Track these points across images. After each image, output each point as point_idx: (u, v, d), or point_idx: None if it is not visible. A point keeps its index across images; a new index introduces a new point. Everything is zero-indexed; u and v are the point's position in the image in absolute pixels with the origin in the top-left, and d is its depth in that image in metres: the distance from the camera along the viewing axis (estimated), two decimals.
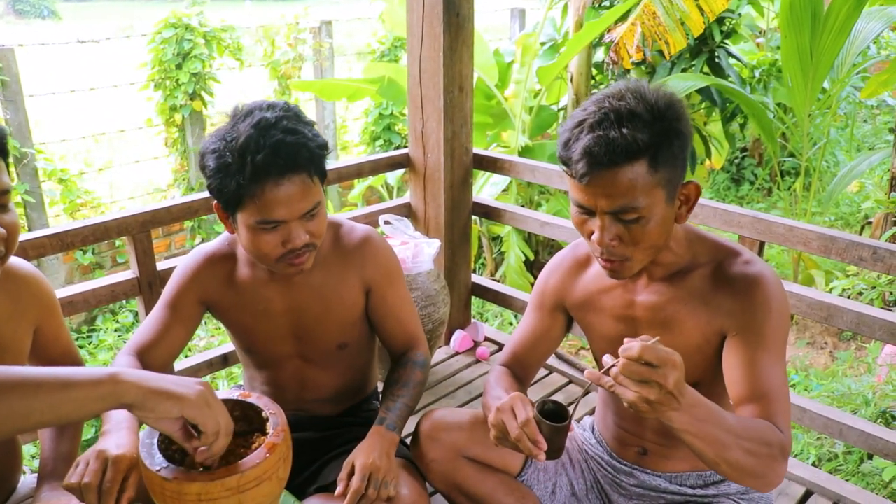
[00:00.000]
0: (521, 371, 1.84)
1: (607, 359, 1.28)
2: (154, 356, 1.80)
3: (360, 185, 5.67)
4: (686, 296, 1.56)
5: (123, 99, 6.73)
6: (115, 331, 4.98)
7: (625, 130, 1.36)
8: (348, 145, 7.35)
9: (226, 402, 1.55)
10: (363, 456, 1.68)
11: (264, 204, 1.57)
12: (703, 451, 1.30)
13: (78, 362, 1.83)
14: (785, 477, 2.41)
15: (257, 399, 1.53)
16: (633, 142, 1.36)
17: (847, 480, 3.07)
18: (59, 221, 5.45)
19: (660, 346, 1.20)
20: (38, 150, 5.09)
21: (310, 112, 6.93)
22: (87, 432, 3.86)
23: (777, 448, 1.36)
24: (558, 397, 2.88)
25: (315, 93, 5.90)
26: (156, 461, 1.36)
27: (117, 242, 5.27)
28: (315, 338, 1.88)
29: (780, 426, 1.40)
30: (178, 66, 5.63)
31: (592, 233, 1.47)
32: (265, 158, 1.52)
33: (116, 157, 7.52)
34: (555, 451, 1.49)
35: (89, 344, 4.93)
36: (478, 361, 3.15)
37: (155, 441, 1.41)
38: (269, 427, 1.45)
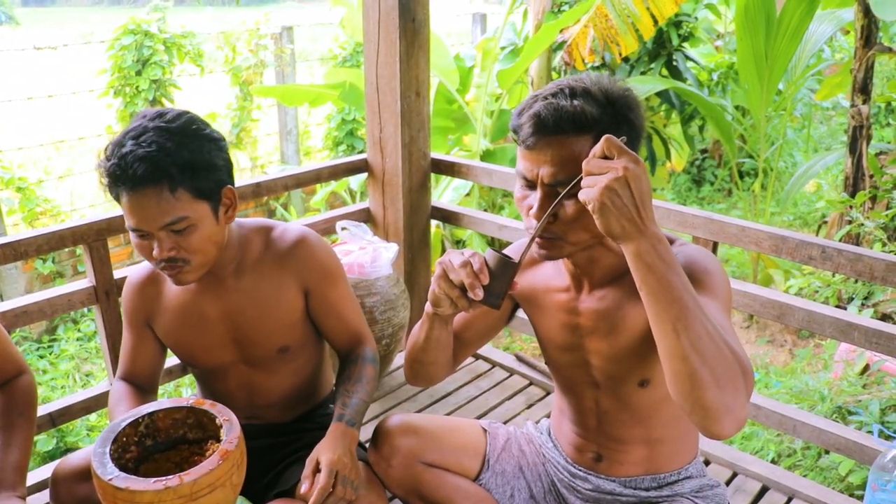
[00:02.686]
0: (456, 346, 1.80)
1: None
2: (141, 377, 1.94)
3: (322, 191, 5.66)
4: (629, 294, 1.55)
5: (83, 106, 6.66)
6: (77, 340, 4.92)
7: (576, 102, 1.38)
8: (311, 150, 7.34)
9: (179, 409, 1.56)
10: (329, 452, 1.67)
11: (126, 211, 1.61)
12: (662, 304, 1.22)
13: (19, 367, 1.83)
14: (741, 473, 2.47)
15: (210, 406, 1.53)
16: (582, 113, 1.37)
17: (805, 476, 3.12)
18: (18, 230, 5.38)
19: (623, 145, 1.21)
20: None
21: (272, 118, 6.90)
22: (48, 443, 3.82)
23: (739, 365, 1.23)
24: (518, 399, 2.91)
25: (276, 98, 5.89)
26: (108, 470, 1.36)
27: (78, 251, 5.21)
28: (254, 342, 1.87)
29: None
30: (138, 73, 5.59)
31: (531, 208, 1.45)
32: (111, 169, 1.57)
33: (77, 165, 7.44)
34: (496, 295, 1.38)
35: (50, 354, 4.86)
36: None
37: (107, 450, 1.41)
38: (223, 434, 1.45)
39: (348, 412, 1.79)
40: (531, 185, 1.46)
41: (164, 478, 1.33)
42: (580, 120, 1.38)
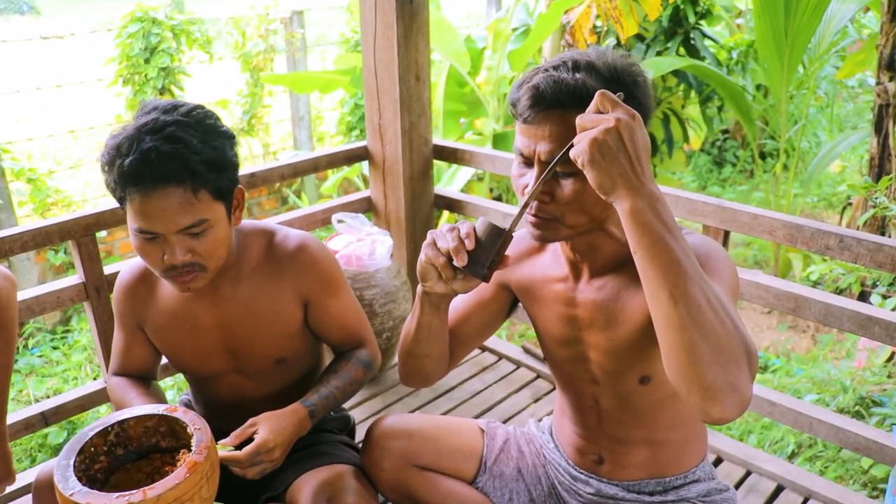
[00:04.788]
0: (452, 343, 1.72)
1: None
2: (135, 373, 1.87)
3: (333, 177, 5.59)
4: (628, 284, 1.47)
5: (94, 95, 6.62)
6: (90, 330, 4.90)
7: (578, 75, 1.31)
8: (324, 136, 7.26)
9: (151, 417, 1.49)
10: (269, 430, 1.61)
11: (137, 212, 1.48)
12: (659, 268, 1.14)
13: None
14: (755, 472, 2.36)
15: (183, 414, 1.46)
16: (583, 86, 1.29)
17: (826, 467, 3.02)
18: (31, 221, 5.36)
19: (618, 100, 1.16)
20: (4, 150, 4.99)
21: (283, 105, 6.83)
22: (59, 435, 3.79)
23: (742, 342, 1.14)
24: (525, 394, 2.83)
25: (286, 85, 5.80)
26: (69, 484, 1.30)
27: None
28: (249, 353, 1.79)
29: None
30: (147, 61, 5.52)
31: (527, 187, 1.38)
32: (132, 165, 1.43)
33: (89, 155, 7.42)
34: (482, 264, 1.29)
35: (64, 344, 4.85)
36: None
37: (71, 462, 1.35)
38: (194, 444, 1.38)
39: (314, 398, 1.72)
40: (528, 162, 1.38)
41: (127, 493, 1.26)
42: (581, 93, 1.29)
